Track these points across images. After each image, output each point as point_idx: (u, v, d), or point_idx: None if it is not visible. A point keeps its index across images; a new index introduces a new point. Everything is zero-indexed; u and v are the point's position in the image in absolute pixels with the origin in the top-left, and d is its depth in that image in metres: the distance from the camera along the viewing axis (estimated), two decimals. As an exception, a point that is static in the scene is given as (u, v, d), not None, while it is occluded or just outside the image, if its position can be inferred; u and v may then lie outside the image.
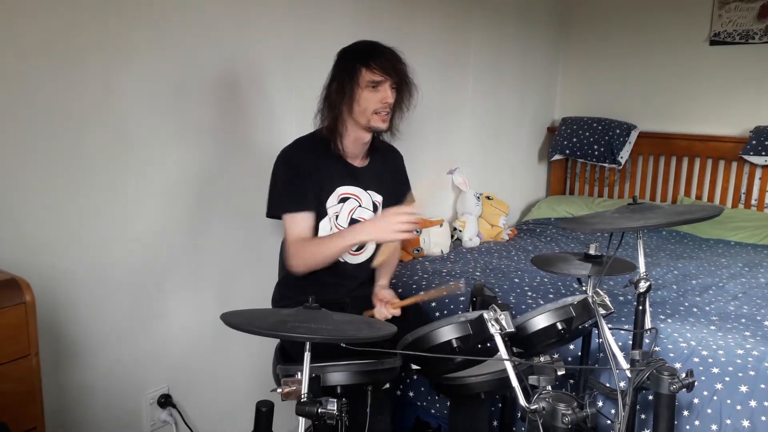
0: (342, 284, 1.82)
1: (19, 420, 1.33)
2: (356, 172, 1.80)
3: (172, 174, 1.91)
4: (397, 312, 1.71)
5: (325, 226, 1.77)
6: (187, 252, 2.00)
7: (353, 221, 1.79)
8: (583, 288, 1.62)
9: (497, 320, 1.36)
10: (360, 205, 1.80)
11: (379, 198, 1.85)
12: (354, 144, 1.77)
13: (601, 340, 1.49)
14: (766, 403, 1.62)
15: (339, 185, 1.77)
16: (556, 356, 1.43)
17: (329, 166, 1.75)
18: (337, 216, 1.77)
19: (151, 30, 1.78)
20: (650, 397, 1.66)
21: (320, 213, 1.76)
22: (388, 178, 1.90)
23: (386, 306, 1.72)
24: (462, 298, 2.18)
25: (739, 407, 1.63)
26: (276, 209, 1.75)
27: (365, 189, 1.81)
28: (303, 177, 1.72)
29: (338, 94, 1.68)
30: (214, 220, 2.06)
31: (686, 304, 2.18)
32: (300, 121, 2.20)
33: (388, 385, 1.54)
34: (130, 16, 1.73)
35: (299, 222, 1.73)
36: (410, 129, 1.85)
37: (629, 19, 3.70)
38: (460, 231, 3.01)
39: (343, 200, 1.77)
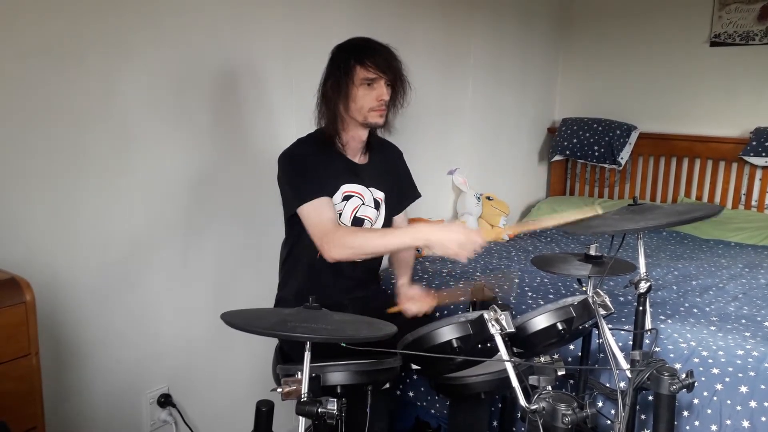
0: (342, 286, 1.82)
1: (19, 419, 1.33)
2: (358, 170, 1.80)
3: (173, 174, 1.91)
4: (431, 308, 1.73)
5: None
6: (188, 252, 2.00)
7: (357, 219, 1.79)
8: (584, 288, 1.63)
9: (497, 320, 1.36)
10: (363, 203, 1.80)
11: (380, 195, 1.85)
12: (353, 140, 1.77)
13: (601, 340, 1.49)
14: (766, 404, 1.62)
15: (342, 183, 1.76)
16: (556, 356, 1.43)
17: (331, 164, 1.75)
18: (340, 214, 1.77)
19: (151, 30, 1.78)
20: (650, 398, 1.66)
21: None
22: (389, 174, 1.90)
23: (423, 300, 1.73)
24: (462, 298, 2.18)
25: (739, 408, 1.63)
26: (293, 204, 1.68)
27: (367, 186, 1.81)
28: (310, 169, 1.71)
29: (334, 91, 1.68)
30: (215, 220, 2.06)
31: (686, 304, 2.18)
32: (299, 121, 2.20)
33: (388, 385, 1.54)
34: (130, 16, 1.73)
35: (321, 208, 1.65)
36: (410, 129, 1.85)
37: (629, 20, 3.70)
38: (460, 231, 3.01)
39: (347, 198, 1.77)
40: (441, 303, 1.76)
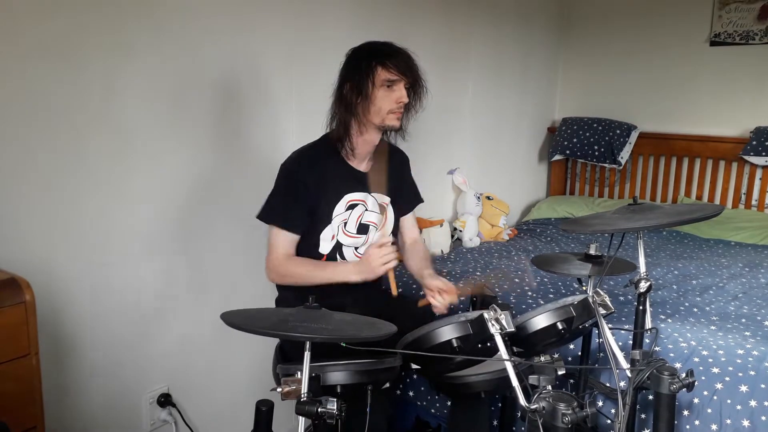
0: (343, 286, 1.81)
1: (19, 419, 1.33)
2: (361, 177, 1.80)
3: (173, 174, 1.91)
4: (455, 300, 1.73)
5: (327, 235, 1.77)
6: (188, 252, 2.00)
7: (362, 226, 1.79)
8: (584, 288, 1.63)
9: (497, 320, 1.36)
10: (366, 209, 1.80)
11: (386, 199, 1.85)
12: (363, 145, 1.76)
13: (601, 339, 1.49)
14: (766, 403, 1.62)
15: (346, 193, 1.76)
16: (556, 356, 1.43)
17: (334, 174, 1.75)
18: (345, 223, 1.77)
19: (151, 31, 1.78)
20: (650, 397, 1.66)
21: (323, 221, 1.76)
22: (394, 178, 1.90)
23: (444, 294, 1.72)
24: (462, 298, 2.18)
25: (739, 407, 1.63)
26: (266, 217, 1.76)
27: (369, 192, 1.81)
28: (300, 196, 1.71)
29: (353, 93, 1.67)
30: (215, 221, 2.06)
31: (686, 304, 2.18)
32: (301, 123, 2.20)
33: (388, 385, 1.54)
34: (131, 18, 1.73)
35: (283, 239, 1.74)
36: (410, 129, 1.85)
37: (629, 20, 3.70)
38: (461, 231, 3.01)
39: (351, 207, 1.77)
40: (461, 295, 1.76)
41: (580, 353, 1.78)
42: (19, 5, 1.50)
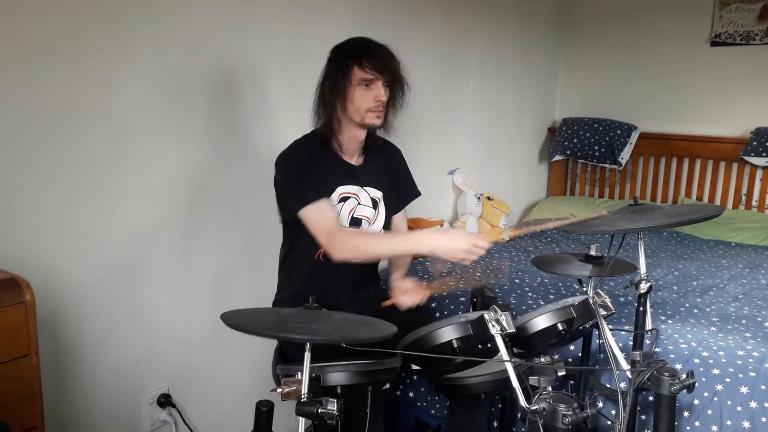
0: (341, 286, 1.81)
1: (19, 419, 1.33)
2: (353, 170, 1.80)
3: (172, 174, 1.91)
4: (421, 299, 1.70)
5: None
6: (187, 252, 2.00)
7: (354, 220, 1.78)
8: (584, 289, 1.62)
9: (498, 321, 1.36)
10: (359, 203, 1.80)
11: (378, 194, 1.84)
12: (350, 141, 1.76)
13: (601, 340, 1.49)
14: (766, 404, 1.62)
15: (338, 185, 1.76)
16: (556, 357, 1.43)
17: (327, 166, 1.75)
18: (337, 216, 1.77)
19: (150, 30, 1.78)
20: (651, 398, 1.66)
21: None
22: (387, 173, 1.89)
23: (413, 293, 1.70)
24: (462, 299, 2.18)
25: (739, 408, 1.63)
26: (293, 207, 1.67)
27: (362, 186, 1.81)
28: (308, 171, 1.70)
29: (332, 92, 1.67)
30: (214, 220, 2.06)
31: (687, 305, 2.18)
32: (299, 121, 2.19)
33: (388, 386, 1.54)
34: (130, 17, 1.73)
35: (323, 210, 1.66)
36: (411, 129, 1.85)
37: (630, 20, 3.70)
38: (461, 231, 3.01)
39: (344, 199, 1.77)
40: (434, 294, 1.75)
41: (580, 354, 1.78)
42: (19, 5, 1.50)
